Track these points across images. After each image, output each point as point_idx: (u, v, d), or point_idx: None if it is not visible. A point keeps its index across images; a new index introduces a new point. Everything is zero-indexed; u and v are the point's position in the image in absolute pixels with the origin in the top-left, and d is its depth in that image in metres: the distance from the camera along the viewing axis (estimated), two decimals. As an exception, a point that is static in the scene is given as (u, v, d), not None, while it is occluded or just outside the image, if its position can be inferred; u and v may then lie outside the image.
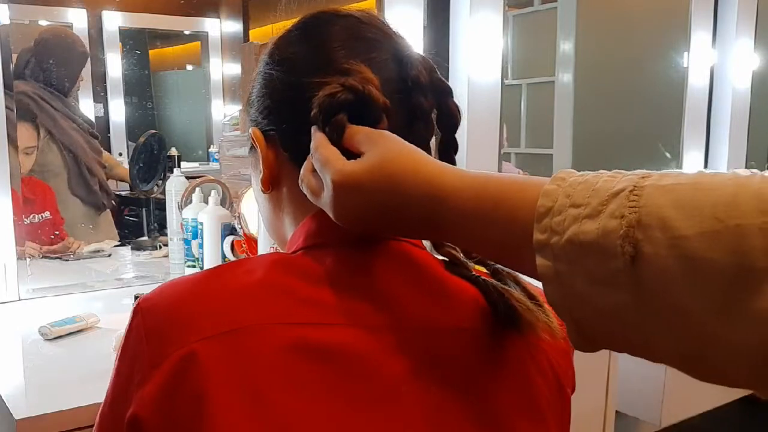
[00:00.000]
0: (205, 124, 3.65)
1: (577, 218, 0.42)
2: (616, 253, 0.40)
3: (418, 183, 0.52)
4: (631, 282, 0.39)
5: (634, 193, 0.40)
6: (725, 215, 0.36)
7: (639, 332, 0.41)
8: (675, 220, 0.38)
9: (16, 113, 1.83)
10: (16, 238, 1.58)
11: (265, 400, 0.52)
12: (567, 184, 0.44)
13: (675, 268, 0.38)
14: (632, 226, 0.39)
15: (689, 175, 0.40)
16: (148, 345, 0.55)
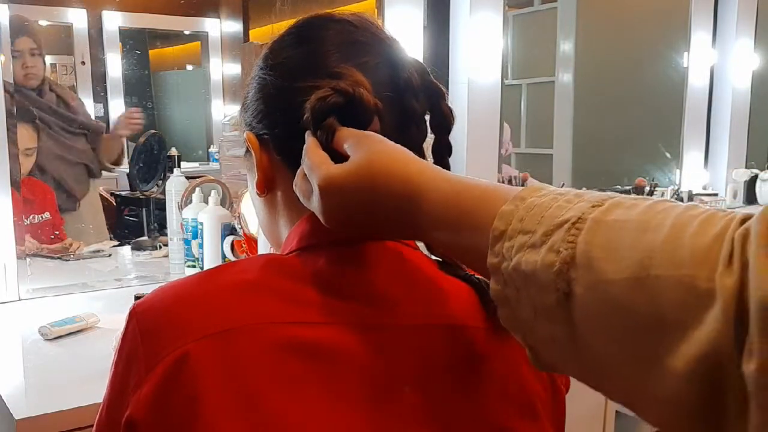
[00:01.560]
0: (205, 124, 3.65)
1: (523, 246, 0.41)
2: (551, 289, 0.39)
3: (397, 184, 0.52)
4: (565, 319, 0.39)
5: (576, 226, 0.39)
6: (650, 263, 0.35)
7: (581, 368, 0.40)
8: (605, 261, 0.37)
9: (16, 114, 1.84)
10: (16, 238, 1.58)
11: (257, 399, 0.52)
12: (524, 206, 0.43)
13: (600, 313, 0.37)
14: (567, 263, 0.38)
15: (638, 210, 0.38)
16: (144, 348, 0.55)
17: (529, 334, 0.42)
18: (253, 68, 0.67)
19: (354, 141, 0.55)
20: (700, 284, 0.33)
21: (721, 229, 0.34)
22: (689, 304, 0.33)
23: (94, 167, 2.45)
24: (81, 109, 2.57)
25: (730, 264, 0.32)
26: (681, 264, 0.34)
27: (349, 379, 0.55)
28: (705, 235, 0.34)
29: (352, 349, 0.56)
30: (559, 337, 0.40)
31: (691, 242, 0.34)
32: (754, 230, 0.32)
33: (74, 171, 2.39)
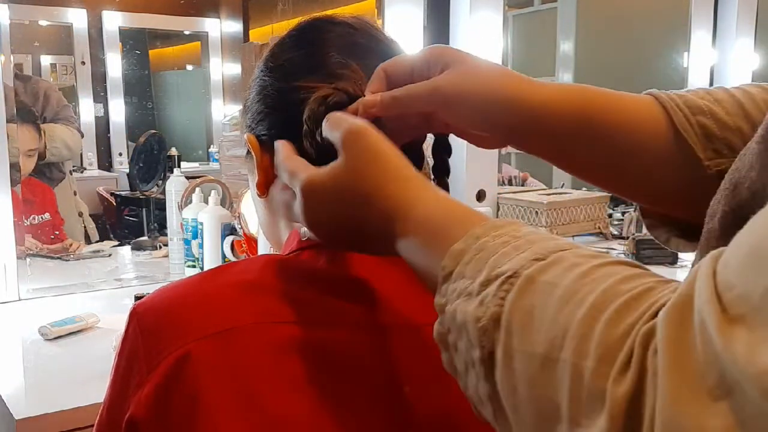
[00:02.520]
0: (205, 124, 3.65)
1: (461, 294, 0.39)
2: (477, 344, 0.37)
3: (379, 200, 0.49)
4: (487, 377, 0.37)
5: (510, 281, 0.36)
6: (561, 344, 0.32)
7: (502, 428, 0.38)
8: (523, 330, 0.35)
9: (18, 114, 1.83)
10: (16, 238, 1.58)
11: (257, 399, 0.53)
12: (475, 246, 0.40)
13: (512, 383, 0.35)
14: (493, 320, 0.36)
15: (575, 273, 0.35)
16: (145, 348, 0.55)
17: (465, 387, 0.40)
18: (254, 71, 0.67)
19: (343, 140, 0.52)
20: (597, 383, 0.30)
21: (633, 321, 0.31)
22: (583, 401, 0.31)
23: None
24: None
25: (627, 369, 0.30)
26: (586, 354, 0.31)
27: (350, 379, 0.55)
28: (617, 326, 0.31)
29: (352, 349, 0.56)
30: (482, 395, 0.38)
31: (601, 332, 0.31)
32: (661, 334, 0.29)
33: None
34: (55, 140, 2.35)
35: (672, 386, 0.27)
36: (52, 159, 2.38)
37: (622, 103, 0.55)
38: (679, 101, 0.54)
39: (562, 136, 0.55)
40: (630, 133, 0.54)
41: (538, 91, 0.54)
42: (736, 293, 0.27)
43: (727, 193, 0.37)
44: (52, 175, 2.41)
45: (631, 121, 0.55)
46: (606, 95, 0.55)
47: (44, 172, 2.36)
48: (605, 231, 2.17)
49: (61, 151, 2.41)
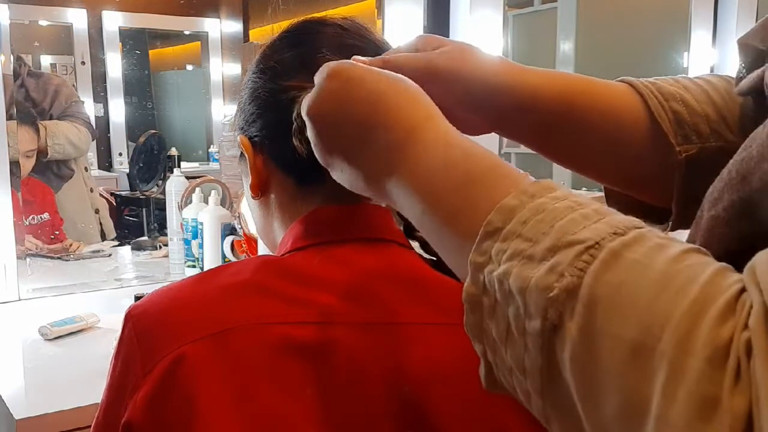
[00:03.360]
0: (205, 124, 3.65)
1: (518, 255, 0.35)
2: (538, 314, 0.34)
3: (406, 113, 0.45)
4: (542, 350, 0.34)
5: (590, 252, 0.33)
6: (660, 335, 0.30)
7: (545, 404, 0.35)
8: (610, 309, 0.32)
9: (17, 116, 1.83)
10: (16, 238, 1.58)
11: (253, 399, 0.53)
12: (532, 206, 0.37)
13: (586, 365, 0.32)
14: (568, 292, 0.33)
15: (665, 256, 0.32)
16: (140, 351, 0.55)
17: (493, 352, 0.37)
18: (246, 74, 0.68)
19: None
20: (706, 387, 0.28)
21: (735, 326, 0.29)
22: (682, 400, 0.29)
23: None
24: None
25: (738, 379, 0.28)
26: (692, 352, 0.29)
27: (345, 379, 0.55)
28: (723, 327, 0.29)
29: (347, 349, 0.56)
30: (528, 367, 0.35)
31: (708, 332, 0.29)
32: (757, 345, 0.28)
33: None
34: (57, 137, 2.33)
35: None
36: (56, 156, 2.37)
37: (602, 90, 0.57)
38: (653, 88, 0.56)
39: (548, 121, 0.56)
40: (610, 121, 0.56)
41: (529, 78, 0.56)
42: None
43: (734, 182, 0.36)
44: (60, 173, 2.39)
45: (610, 108, 0.56)
46: (586, 82, 0.57)
47: (52, 169, 2.34)
48: (605, 231, 2.17)
49: (65, 148, 2.38)
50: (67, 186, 2.37)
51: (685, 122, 0.54)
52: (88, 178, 2.52)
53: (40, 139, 2.26)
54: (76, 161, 2.45)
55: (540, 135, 0.58)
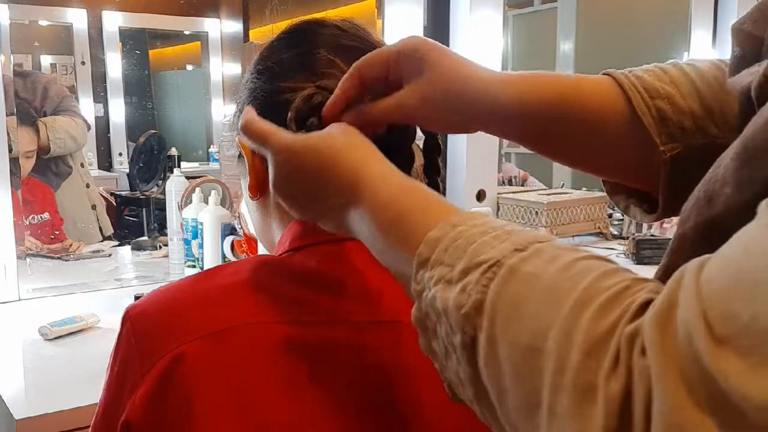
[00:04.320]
0: (205, 124, 3.65)
1: (441, 280, 0.40)
2: (458, 330, 0.38)
3: (347, 169, 0.50)
4: (469, 362, 0.38)
5: (492, 270, 0.37)
6: (547, 334, 0.34)
7: (483, 411, 0.39)
8: (508, 319, 0.36)
9: (17, 116, 1.82)
10: (16, 238, 1.58)
11: (251, 398, 0.53)
12: (452, 234, 0.41)
13: (496, 369, 0.36)
14: (475, 308, 0.37)
15: (556, 266, 0.36)
16: (139, 351, 0.55)
17: (444, 368, 0.41)
18: (245, 74, 0.68)
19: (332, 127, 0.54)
20: (584, 376, 0.32)
21: (615, 320, 0.32)
22: (566, 391, 0.32)
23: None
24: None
25: (616, 367, 0.31)
26: (571, 348, 0.32)
27: (343, 377, 0.56)
28: (600, 322, 0.32)
29: (345, 347, 0.56)
30: (464, 378, 0.39)
31: (586, 328, 0.32)
32: (649, 338, 0.30)
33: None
34: (58, 132, 2.32)
35: (669, 392, 0.28)
36: (58, 152, 2.36)
37: (586, 89, 0.57)
38: (637, 84, 0.55)
39: (534, 127, 0.56)
40: (596, 121, 0.56)
41: (513, 88, 0.55)
42: (720, 313, 0.28)
43: (701, 203, 0.38)
44: (58, 170, 2.38)
45: (596, 108, 0.56)
46: (570, 85, 0.57)
47: (50, 167, 2.33)
48: (605, 231, 2.17)
49: (66, 142, 2.37)
50: (64, 183, 2.37)
51: (669, 120, 0.54)
52: (84, 174, 2.52)
53: (41, 138, 2.25)
54: (73, 157, 2.45)
55: (527, 138, 0.59)
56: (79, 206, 2.41)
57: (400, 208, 0.46)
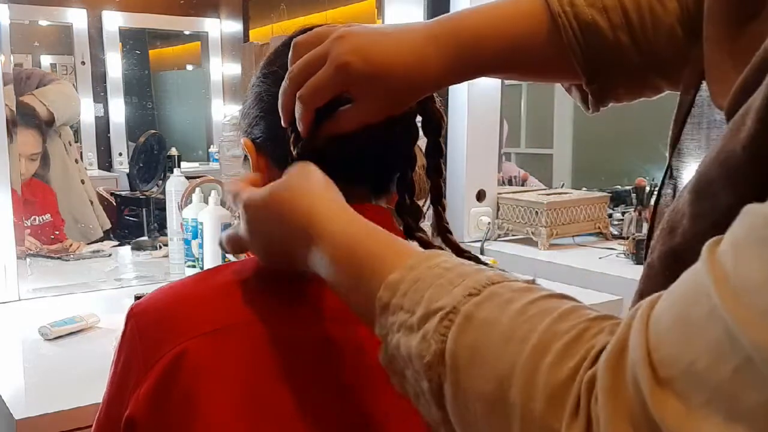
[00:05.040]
0: (205, 124, 3.65)
1: (402, 326, 0.41)
2: (424, 377, 0.39)
3: (298, 216, 0.51)
4: (438, 405, 0.39)
5: (449, 317, 0.38)
6: (509, 385, 0.34)
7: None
8: (470, 367, 0.36)
9: (22, 119, 1.82)
10: (16, 238, 1.58)
11: (253, 395, 0.54)
12: (410, 277, 0.42)
13: (463, 416, 0.37)
14: (437, 356, 0.38)
15: (510, 310, 0.37)
16: (142, 348, 0.56)
17: (416, 406, 0.42)
18: (252, 79, 0.69)
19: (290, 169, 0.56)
20: (550, 424, 0.32)
21: (575, 365, 0.33)
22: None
23: None
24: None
25: (577, 415, 0.32)
26: (534, 397, 0.33)
27: (346, 374, 0.56)
28: (560, 369, 0.33)
29: (349, 346, 0.57)
30: (435, 419, 0.40)
31: (546, 375, 0.33)
32: (600, 384, 0.31)
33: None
34: (49, 96, 2.29)
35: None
36: (63, 119, 2.35)
37: (509, 31, 0.57)
38: (570, 13, 0.55)
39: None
40: (525, 59, 0.58)
41: (444, 71, 0.56)
42: (663, 355, 0.29)
43: (664, 234, 0.39)
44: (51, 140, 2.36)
45: (526, 48, 0.57)
46: (500, 35, 0.57)
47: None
48: (605, 231, 2.17)
49: (63, 104, 2.35)
50: (61, 180, 2.37)
51: (596, 57, 0.56)
52: (80, 169, 2.51)
53: (39, 111, 2.24)
54: (69, 153, 2.43)
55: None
56: (77, 203, 2.41)
57: (356, 253, 0.47)
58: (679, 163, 0.50)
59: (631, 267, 1.85)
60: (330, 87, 0.55)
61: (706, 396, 0.27)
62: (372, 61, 0.54)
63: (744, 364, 0.26)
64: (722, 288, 0.27)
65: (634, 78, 0.58)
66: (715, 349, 0.27)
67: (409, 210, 0.64)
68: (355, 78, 0.55)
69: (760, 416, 0.26)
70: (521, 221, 2.07)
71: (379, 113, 0.57)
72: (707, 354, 0.27)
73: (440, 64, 0.56)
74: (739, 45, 0.39)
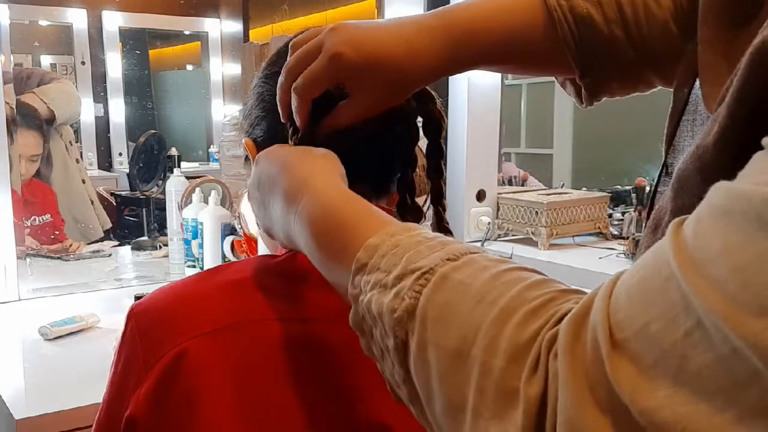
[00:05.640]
0: (205, 124, 3.65)
1: (377, 285, 0.41)
2: (391, 333, 0.40)
3: (296, 176, 0.52)
4: (401, 363, 0.40)
5: (425, 276, 0.39)
6: (473, 340, 0.35)
7: (417, 412, 0.40)
8: (437, 324, 0.37)
9: (24, 120, 1.81)
10: (16, 238, 1.58)
11: (254, 394, 0.54)
12: (390, 242, 0.43)
13: (424, 373, 0.38)
14: (407, 312, 0.39)
15: (486, 275, 0.38)
16: (143, 347, 0.56)
17: (382, 370, 0.43)
18: (254, 80, 0.69)
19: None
20: (507, 381, 0.33)
21: (538, 328, 0.34)
22: (490, 395, 0.34)
23: None
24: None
25: (536, 370, 0.32)
26: (496, 353, 0.34)
27: (346, 373, 0.56)
28: (524, 330, 0.34)
29: (348, 345, 0.57)
30: (398, 379, 0.41)
31: (510, 335, 0.34)
32: (561, 341, 0.32)
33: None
34: (49, 94, 2.29)
35: (571, 391, 0.30)
36: (64, 117, 2.35)
37: (514, 29, 0.57)
38: (565, 7, 0.55)
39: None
40: (520, 51, 0.58)
41: (428, 64, 0.56)
42: (621, 317, 0.29)
43: (649, 231, 0.40)
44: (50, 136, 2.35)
45: (520, 41, 0.57)
46: (497, 28, 0.57)
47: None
48: (605, 231, 2.17)
49: (63, 102, 2.34)
50: (62, 180, 2.37)
51: (589, 50, 0.56)
52: (79, 169, 2.51)
53: (40, 110, 2.24)
54: (69, 152, 2.43)
55: None
56: (78, 202, 2.41)
57: (339, 216, 0.48)
58: (674, 160, 0.50)
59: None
60: (323, 77, 0.56)
61: (655, 357, 0.28)
62: (364, 52, 0.54)
63: (694, 328, 0.26)
64: (681, 256, 0.28)
65: (628, 72, 0.58)
66: (669, 312, 0.27)
67: (410, 210, 0.64)
68: (347, 69, 0.55)
69: (706, 378, 0.26)
70: (521, 221, 2.07)
71: (375, 106, 0.57)
72: (661, 317, 0.28)
73: (434, 55, 0.56)
74: (734, 47, 0.40)
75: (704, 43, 0.43)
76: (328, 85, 0.56)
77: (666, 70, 0.57)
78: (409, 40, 0.56)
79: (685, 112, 0.49)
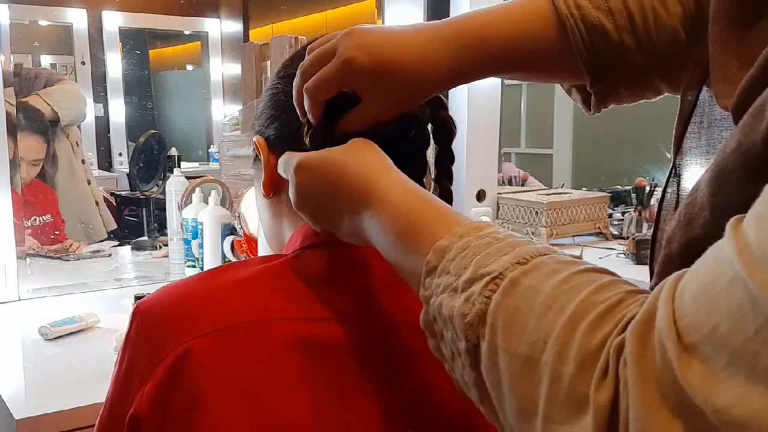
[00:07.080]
0: (205, 124, 3.66)
1: (447, 288, 0.42)
2: (462, 337, 0.40)
3: (358, 179, 0.53)
4: (473, 366, 0.40)
5: (495, 282, 0.40)
6: (543, 347, 0.36)
7: (488, 412, 0.41)
8: (507, 330, 0.38)
9: (28, 123, 1.81)
10: (16, 238, 1.58)
11: (258, 393, 0.54)
12: (459, 244, 0.44)
13: (495, 376, 0.39)
14: (478, 317, 0.39)
15: (554, 280, 0.38)
16: (147, 346, 0.56)
17: (451, 370, 0.44)
18: (267, 82, 0.69)
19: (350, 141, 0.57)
20: (577, 387, 0.34)
21: (606, 334, 0.34)
22: (561, 401, 0.34)
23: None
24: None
25: (605, 377, 0.33)
26: (566, 360, 0.35)
27: (350, 374, 0.56)
28: (593, 336, 0.35)
29: (352, 345, 0.57)
30: (468, 381, 0.41)
31: (580, 341, 0.35)
32: (628, 349, 0.32)
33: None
34: (54, 96, 2.29)
35: (642, 399, 0.31)
36: (69, 119, 2.35)
37: (523, 33, 0.57)
38: (577, 16, 0.56)
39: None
40: (533, 62, 0.59)
41: (440, 72, 0.57)
42: (689, 321, 0.30)
43: (681, 225, 0.40)
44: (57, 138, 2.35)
45: (534, 52, 0.58)
46: (506, 31, 0.57)
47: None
48: (605, 231, 2.17)
49: (68, 102, 2.35)
50: (68, 181, 2.37)
51: (600, 57, 0.56)
52: (85, 170, 2.51)
53: (45, 112, 2.24)
54: (75, 153, 2.43)
55: None
56: (83, 203, 2.41)
57: (410, 218, 0.48)
58: (681, 161, 0.51)
59: (631, 267, 1.85)
60: (335, 80, 0.56)
61: (728, 358, 0.28)
62: (377, 57, 0.55)
63: (764, 325, 0.26)
64: (745, 255, 0.28)
65: (637, 79, 0.59)
66: (737, 312, 0.27)
67: None
68: (359, 73, 0.55)
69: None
70: (521, 221, 2.07)
71: (386, 111, 0.57)
72: (729, 318, 0.28)
73: (446, 63, 0.56)
74: (746, 45, 0.40)
75: (715, 42, 0.43)
76: (339, 89, 0.57)
77: (674, 76, 0.57)
78: (423, 47, 0.56)
79: (693, 114, 0.49)
